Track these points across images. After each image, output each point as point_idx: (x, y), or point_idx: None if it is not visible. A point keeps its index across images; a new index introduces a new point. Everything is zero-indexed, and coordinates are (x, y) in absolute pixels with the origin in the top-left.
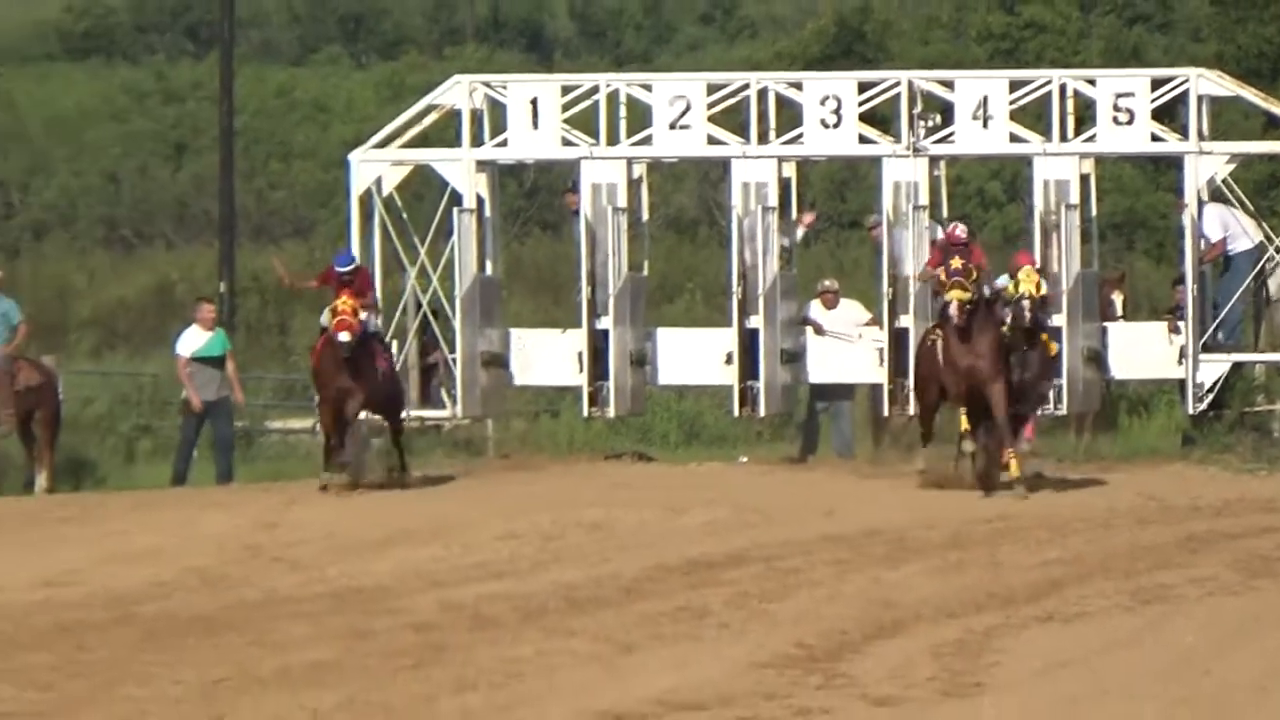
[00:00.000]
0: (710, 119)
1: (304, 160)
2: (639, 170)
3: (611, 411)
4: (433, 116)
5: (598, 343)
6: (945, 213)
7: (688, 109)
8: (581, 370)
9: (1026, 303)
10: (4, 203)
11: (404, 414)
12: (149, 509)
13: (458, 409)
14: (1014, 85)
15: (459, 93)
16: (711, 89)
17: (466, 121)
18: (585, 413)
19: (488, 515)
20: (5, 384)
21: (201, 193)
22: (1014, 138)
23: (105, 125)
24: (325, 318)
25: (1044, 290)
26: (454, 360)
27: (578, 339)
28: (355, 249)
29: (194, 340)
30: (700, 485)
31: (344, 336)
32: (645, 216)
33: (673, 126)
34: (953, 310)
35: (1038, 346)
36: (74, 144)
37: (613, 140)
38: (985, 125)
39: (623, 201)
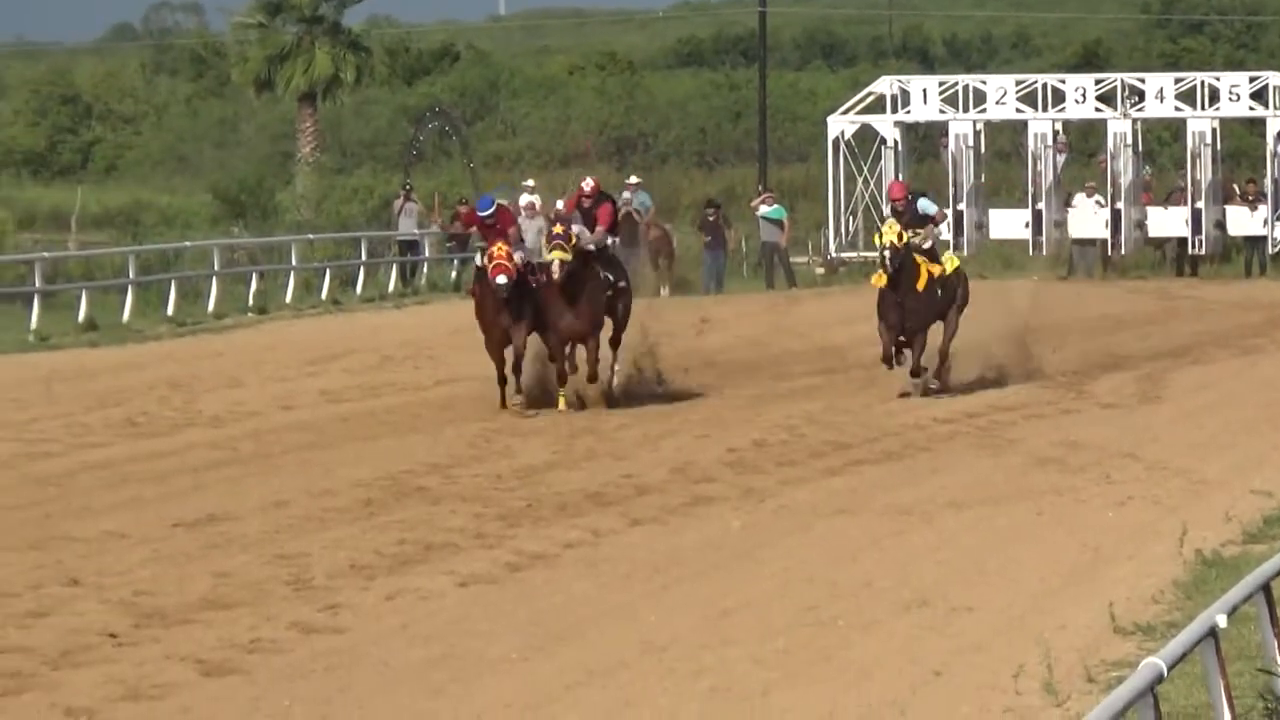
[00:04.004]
0: (1017, 99)
1: (803, 121)
2: (979, 125)
3: (965, 252)
4: (872, 97)
5: (957, 216)
6: (1140, 149)
7: (1005, 93)
8: (948, 230)
9: (888, 253)
10: (645, 143)
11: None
12: (733, 304)
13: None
14: (1176, 80)
15: (885, 84)
16: (1018, 83)
17: (888, 100)
18: (951, 252)
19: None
20: (644, 235)
21: (748, 137)
22: (1176, 108)
23: (699, 102)
24: (480, 260)
25: (906, 238)
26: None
27: (946, 214)
28: (829, 172)
29: (764, 209)
30: (1013, 293)
31: (501, 279)
32: (982, 150)
33: (997, 103)
34: (555, 268)
35: (923, 294)
36: (681, 112)
37: (965, 110)
38: (1162, 101)
39: (971, 143)
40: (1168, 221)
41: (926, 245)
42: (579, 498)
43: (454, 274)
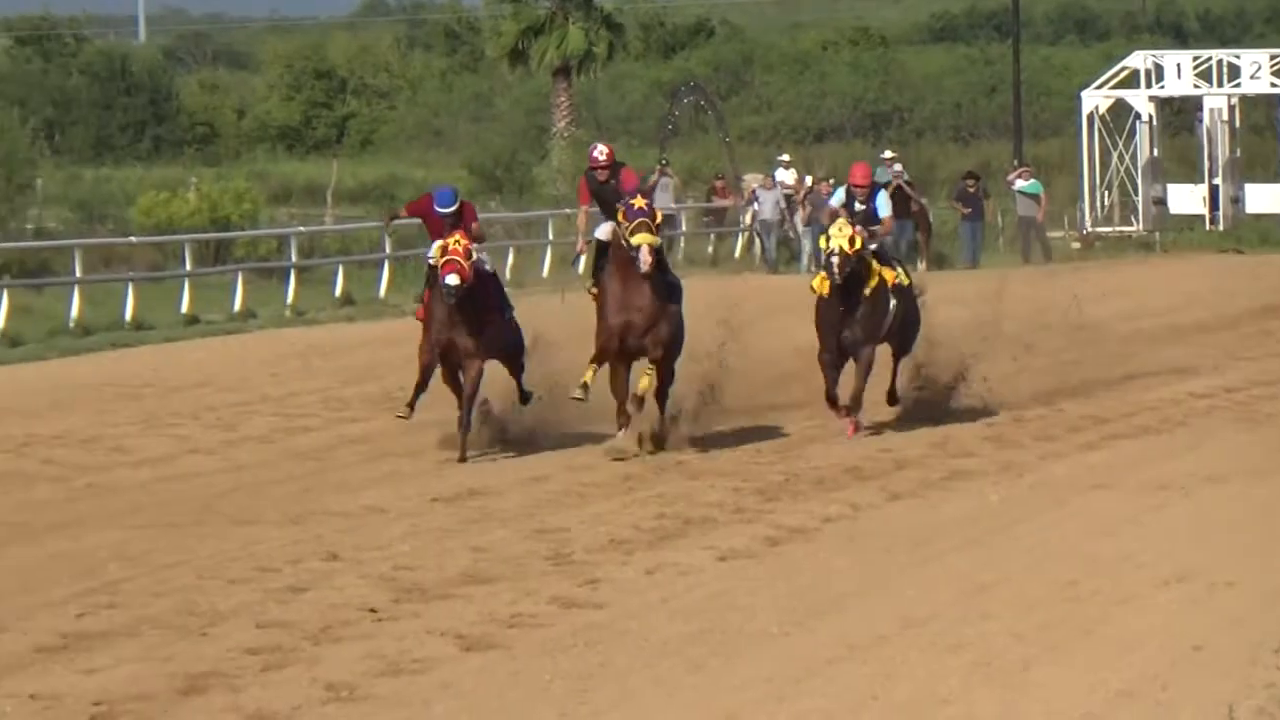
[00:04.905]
0: (1272, 73)
1: (1056, 96)
2: (1234, 100)
3: (1220, 227)
4: (1126, 72)
5: (1212, 191)
6: None
7: (1260, 68)
8: (1204, 205)
9: (835, 260)
10: (899, 118)
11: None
12: (988, 279)
13: (1139, 225)
14: None
15: (1138, 59)
16: (1272, 58)
17: (1142, 75)
18: (1207, 228)
19: (1162, 278)
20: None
21: (1002, 112)
22: None
23: (953, 77)
24: (433, 253)
25: (859, 244)
26: (1138, 200)
27: (1201, 189)
28: (1083, 147)
29: (1020, 183)
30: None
31: (451, 279)
32: (1237, 124)
33: (1252, 78)
34: (644, 255)
35: (870, 299)
36: (936, 87)
37: (1220, 85)
38: None
39: (1225, 117)
40: None
41: (873, 246)
42: (837, 472)
43: (710, 248)
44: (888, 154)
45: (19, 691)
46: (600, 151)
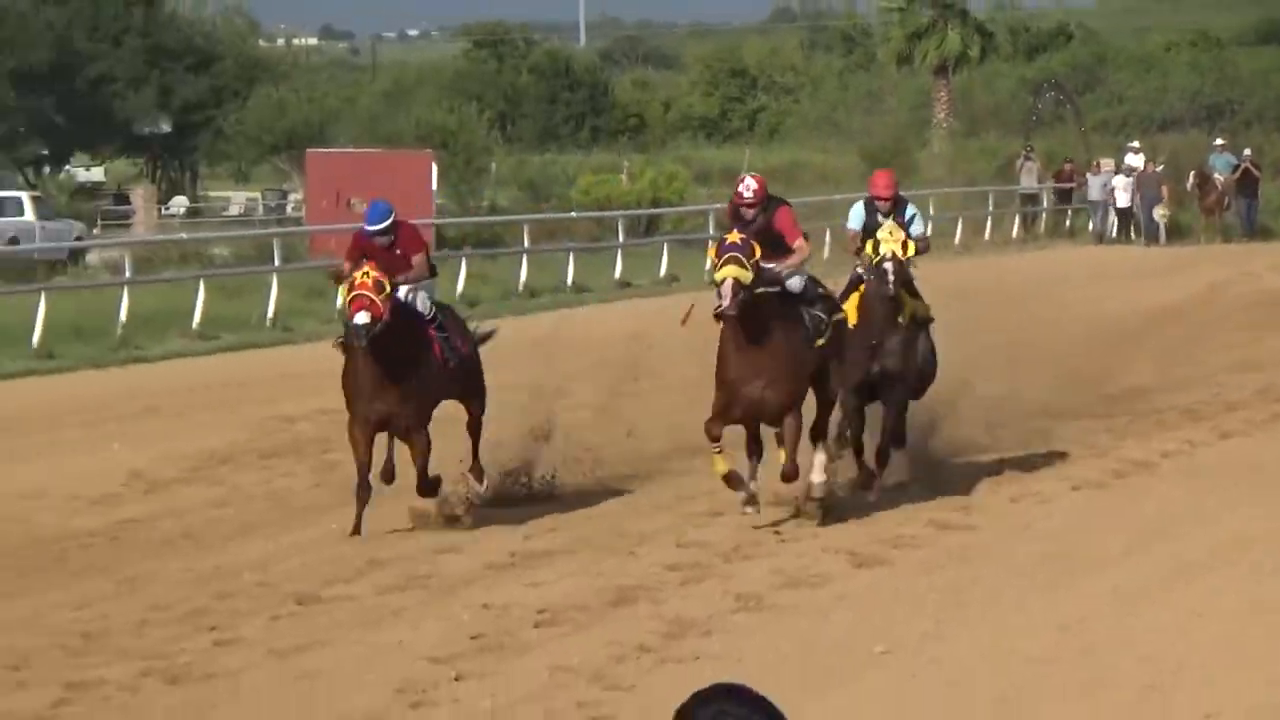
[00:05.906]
0: None
1: None
2: None
3: None
4: None
5: None
6: None
7: None
8: None
9: (889, 265)
10: (1231, 110)
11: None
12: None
13: None
14: None
15: None
16: None
17: None
18: None
19: None
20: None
21: None
22: None
23: (1279, 75)
24: (342, 295)
25: (912, 250)
26: None
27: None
28: None
29: None
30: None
31: (361, 319)
32: None
33: None
34: (725, 290)
35: (906, 332)
36: (1264, 83)
37: None
38: None
39: None
40: None
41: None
42: (1175, 414)
43: (1067, 222)
44: (1219, 141)
45: (474, 602)
46: (748, 188)
